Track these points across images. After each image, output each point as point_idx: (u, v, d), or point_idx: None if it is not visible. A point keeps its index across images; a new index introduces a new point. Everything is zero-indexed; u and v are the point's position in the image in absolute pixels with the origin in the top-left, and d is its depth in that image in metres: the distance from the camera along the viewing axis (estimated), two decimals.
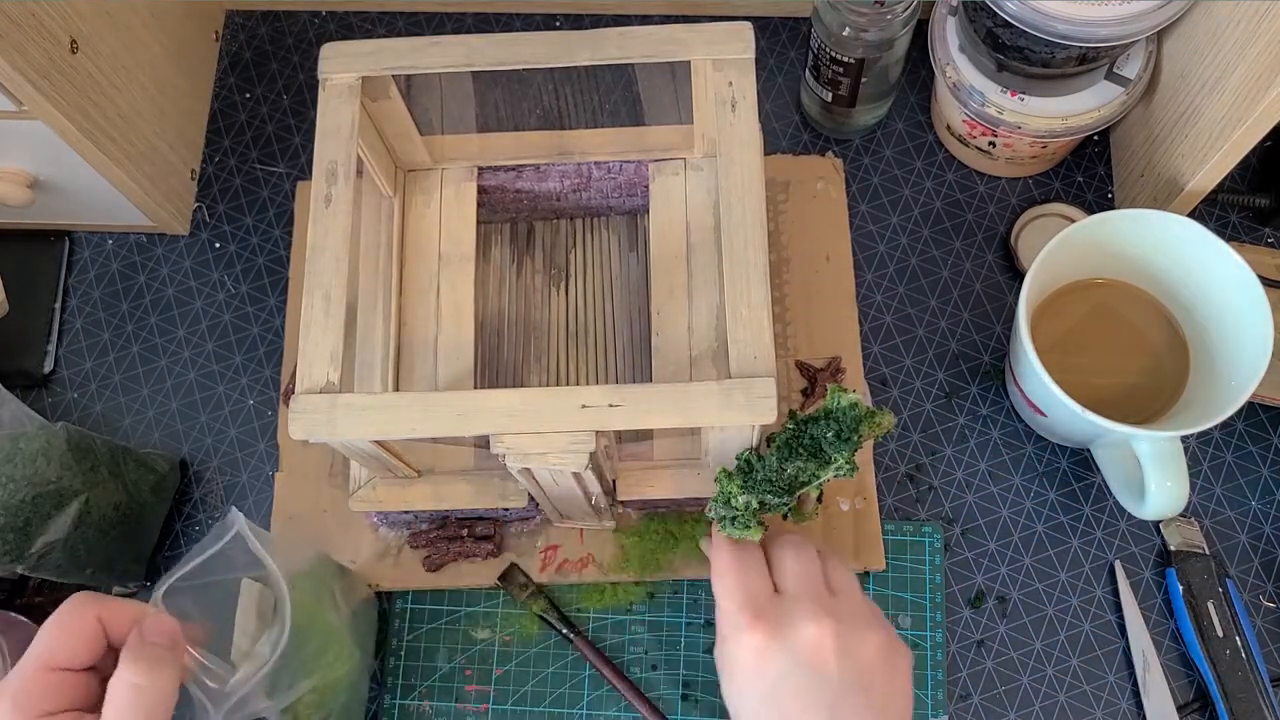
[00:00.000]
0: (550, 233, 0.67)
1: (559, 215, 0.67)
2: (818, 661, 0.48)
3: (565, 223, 0.67)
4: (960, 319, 0.68)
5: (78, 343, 0.70)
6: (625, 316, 0.65)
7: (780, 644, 0.48)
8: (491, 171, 0.62)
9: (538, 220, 0.67)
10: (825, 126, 0.72)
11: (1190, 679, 0.61)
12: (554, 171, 0.62)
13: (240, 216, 0.72)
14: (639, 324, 0.64)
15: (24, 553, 0.57)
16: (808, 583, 0.51)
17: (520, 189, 0.63)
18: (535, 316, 0.65)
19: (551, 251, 0.67)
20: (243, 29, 0.77)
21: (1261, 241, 0.69)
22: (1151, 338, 0.62)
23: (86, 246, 0.72)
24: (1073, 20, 0.56)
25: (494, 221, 0.66)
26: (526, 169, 0.62)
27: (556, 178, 0.63)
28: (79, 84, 0.59)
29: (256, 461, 0.67)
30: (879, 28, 0.61)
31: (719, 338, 0.58)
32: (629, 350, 0.64)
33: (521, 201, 0.65)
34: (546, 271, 0.66)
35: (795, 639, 0.48)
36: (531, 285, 0.66)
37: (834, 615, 0.49)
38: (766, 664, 0.48)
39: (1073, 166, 0.71)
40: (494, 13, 0.77)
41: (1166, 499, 0.55)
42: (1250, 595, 0.63)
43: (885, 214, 0.71)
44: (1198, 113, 0.59)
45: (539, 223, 0.67)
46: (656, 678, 0.62)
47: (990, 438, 0.66)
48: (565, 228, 0.67)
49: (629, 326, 0.64)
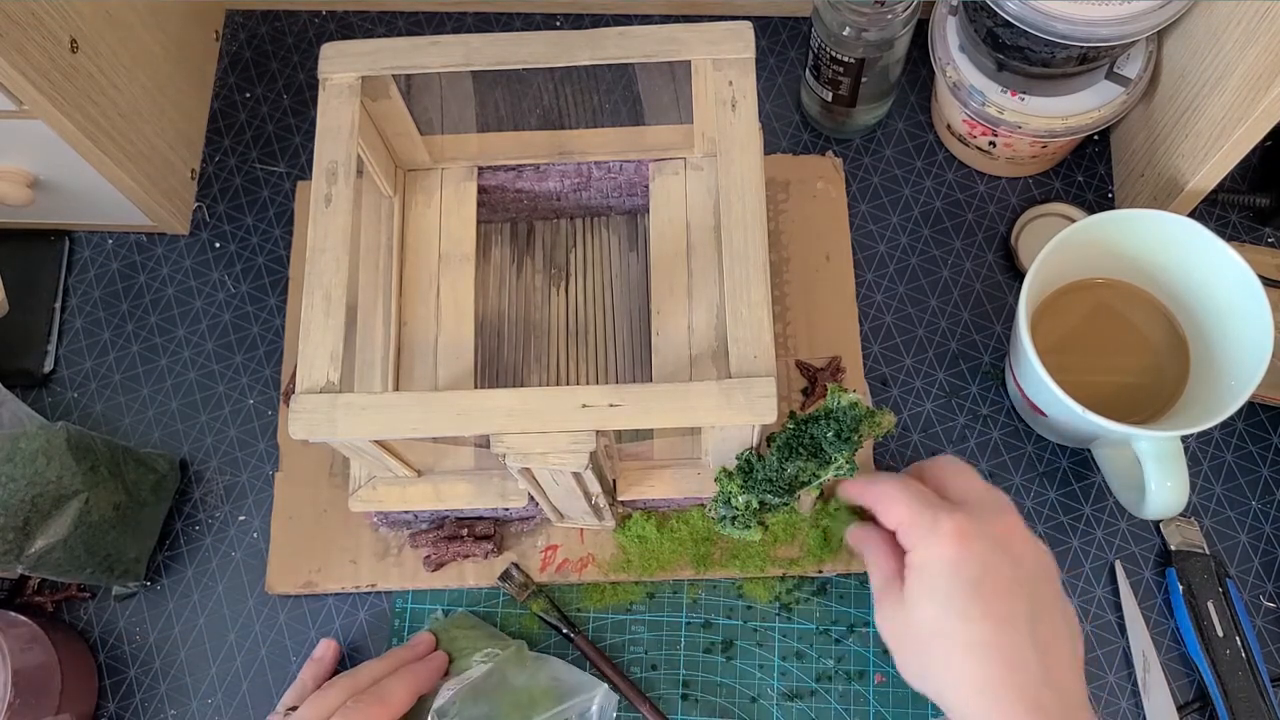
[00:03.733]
0: (550, 232, 0.67)
1: (559, 215, 0.67)
2: (1015, 552, 0.48)
3: (565, 222, 0.67)
4: (960, 319, 0.68)
5: (78, 342, 0.70)
6: (625, 316, 0.65)
7: (978, 528, 0.47)
8: (491, 171, 0.62)
9: (538, 220, 0.67)
10: (825, 126, 0.72)
11: (1190, 679, 0.61)
12: (554, 171, 0.62)
13: (240, 216, 0.72)
14: (639, 323, 0.64)
15: (24, 552, 0.57)
16: (975, 490, 0.50)
17: (520, 189, 0.63)
18: (535, 316, 0.65)
19: (552, 251, 0.67)
20: (243, 29, 0.77)
21: (1261, 241, 0.69)
22: (1151, 338, 0.62)
23: (86, 246, 0.72)
24: (1073, 20, 0.56)
25: (494, 221, 0.66)
26: (526, 169, 0.62)
27: (556, 177, 0.63)
28: (79, 83, 0.59)
29: (256, 461, 0.67)
30: (879, 27, 0.61)
31: (719, 337, 0.58)
32: (629, 350, 0.64)
33: (521, 201, 0.65)
34: (547, 271, 0.66)
35: (990, 526, 0.48)
36: (531, 285, 0.66)
37: (1013, 512, 0.49)
38: (970, 545, 0.47)
39: (1073, 166, 0.71)
40: (494, 13, 0.77)
41: (1166, 499, 0.55)
42: (1250, 595, 0.63)
43: (885, 214, 0.71)
44: (1198, 113, 0.59)
45: (539, 222, 0.67)
46: (656, 677, 0.62)
47: (990, 438, 0.66)
48: (565, 227, 0.67)
49: (629, 326, 0.64)
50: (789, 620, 0.63)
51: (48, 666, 0.59)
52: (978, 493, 0.50)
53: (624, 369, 0.64)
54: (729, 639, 0.62)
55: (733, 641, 0.62)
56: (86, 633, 0.64)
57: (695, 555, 0.62)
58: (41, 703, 0.58)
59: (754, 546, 0.62)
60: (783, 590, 0.63)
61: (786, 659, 0.62)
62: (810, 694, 0.61)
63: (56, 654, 0.60)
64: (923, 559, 0.48)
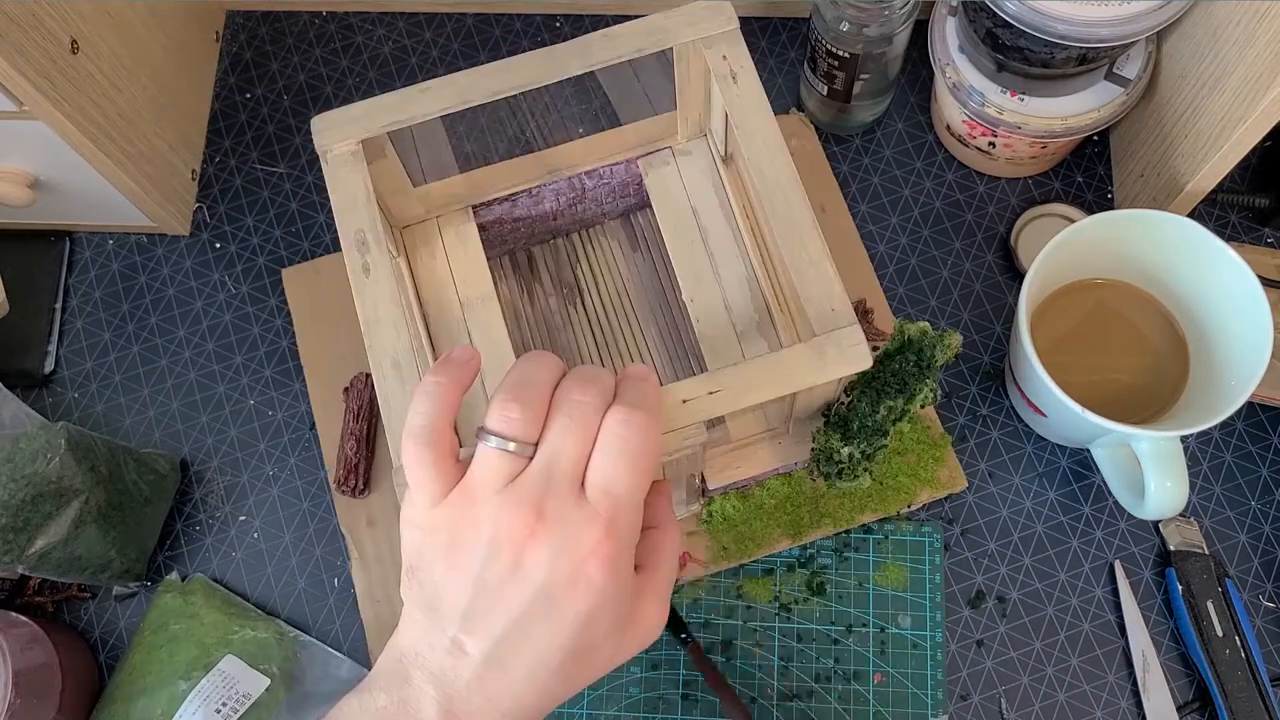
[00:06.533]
0: (551, 254, 0.67)
1: (555, 235, 0.67)
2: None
3: (563, 241, 0.67)
4: (960, 319, 0.68)
5: (78, 343, 0.70)
6: (649, 314, 0.65)
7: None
8: (486, 207, 0.61)
9: (534, 245, 0.67)
10: (824, 122, 0.72)
11: (1190, 679, 0.61)
12: (547, 192, 0.62)
13: (240, 216, 0.73)
14: (664, 318, 0.64)
15: (24, 552, 0.57)
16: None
17: (519, 217, 0.63)
18: (561, 339, 0.65)
19: (558, 272, 0.67)
20: (243, 29, 0.77)
21: (1261, 241, 0.69)
22: (1151, 338, 0.62)
23: (87, 246, 0.72)
24: (1072, 20, 0.56)
25: (492, 257, 0.65)
26: (520, 196, 0.62)
27: (552, 197, 0.63)
28: (79, 84, 0.59)
29: (257, 461, 0.67)
30: (879, 23, 0.61)
31: (758, 308, 0.59)
32: (661, 344, 0.64)
33: (519, 230, 0.64)
34: (559, 292, 0.66)
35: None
36: (547, 309, 0.66)
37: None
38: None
39: (1073, 166, 0.71)
40: (494, 13, 0.77)
41: (1166, 499, 0.55)
42: (1250, 595, 0.63)
43: (885, 214, 0.71)
44: (1198, 113, 0.59)
45: (536, 248, 0.67)
46: (657, 677, 0.62)
47: (990, 438, 0.66)
48: (564, 246, 0.67)
49: (655, 322, 0.65)
50: (789, 620, 0.63)
51: (48, 667, 0.59)
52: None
53: (662, 365, 0.64)
54: (729, 639, 0.62)
55: (733, 641, 0.62)
56: (86, 633, 0.64)
57: (789, 523, 0.62)
58: (42, 703, 0.58)
59: (844, 498, 0.63)
60: (783, 590, 0.63)
61: (786, 659, 0.62)
62: (810, 694, 0.61)
63: (57, 654, 0.60)
64: None
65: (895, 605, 0.62)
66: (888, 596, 0.63)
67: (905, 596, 0.63)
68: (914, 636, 0.62)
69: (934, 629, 0.62)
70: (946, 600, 0.63)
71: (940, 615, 0.62)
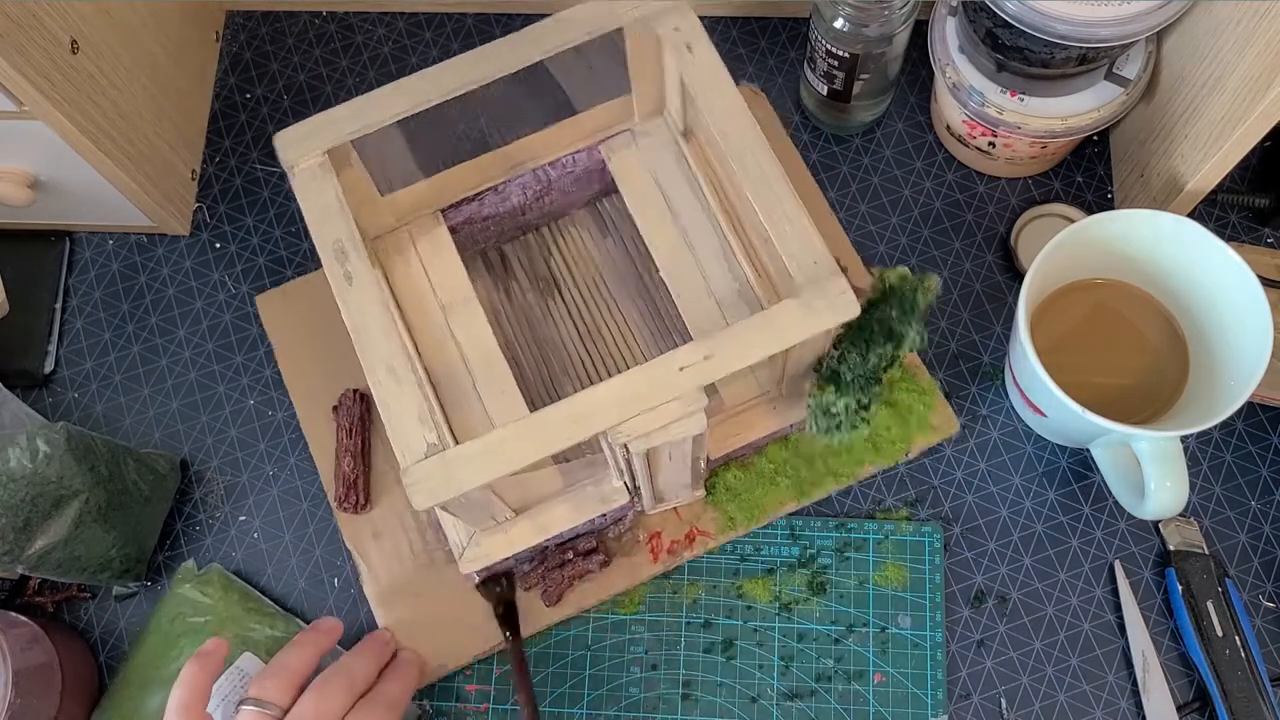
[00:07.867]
0: (522, 250, 0.67)
1: (525, 230, 0.67)
2: None
3: (532, 236, 0.67)
4: (960, 319, 0.68)
5: (78, 343, 0.70)
6: (626, 298, 0.65)
7: None
8: (455, 209, 0.61)
9: (505, 243, 0.67)
10: (824, 122, 0.72)
11: (1190, 679, 0.61)
12: (513, 187, 0.62)
13: (240, 216, 0.73)
14: (643, 299, 0.65)
15: (24, 553, 0.57)
16: None
17: (487, 215, 0.63)
18: (544, 333, 0.65)
19: (531, 266, 0.67)
20: (243, 29, 0.77)
21: (1261, 241, 0.69)
22: (1151, 338, 0.62)
23: (87, 246, 0.72)
24: (1072, 20, 0.56)
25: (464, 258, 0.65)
26: (487, 194, 0.62)
27: (518, 192, 0.62)
28: (79, 84, 0.59)
29: (257, 461, 0.67)
30: (878, 23, 0.61)
31: (737, 277, 0.59)
32: (644, 325, 0.65)
33: (489, 228, 0.64)
34: (535, 287, 0.66)
35: None
36: (525, 304, 0.66)
37: None
38: None
39: (1073, 166, 0.71)
40: (494, 13, 0.77)
41: (1166, 499, 0.55)
42: (1250, 595, 0.63)
43: (885, 214, 0.71)
44: (1198, 113, 0.59)
45: (507, 245, 0.67)
46: (656, 677, 0.62)
47: (990, 438, 0.66)
48: (534, 240, 0.67)
49: (634, 305, 0.65)
50: (789, 620, 0.63)
51: (48, 667, 0.59)
52: None
53: (648, 344, 0.64)
54: (729, 639, 0.62)
55: (733, 641, 0.62)
56: (86, 633, 0.64)
57: (792, 485, 0.63)
58: (42, 703, 0.58)
59: (843, 454, 0.63)
60: (783, 590, 0.63)
61: (786, 659, 0.62)
62: (810, 694, 0.61)
63: (57, 654, 0.60)
64: None
65: (895, 605, 0.62)
66: (888, 596, 0.63)
67: (905, 596, 0.63)
68: (914, 636, 0.62)
69: (934, 629, 0.62)
70: (946, 600, 0.63)
71: (940, 615, 0.62)
